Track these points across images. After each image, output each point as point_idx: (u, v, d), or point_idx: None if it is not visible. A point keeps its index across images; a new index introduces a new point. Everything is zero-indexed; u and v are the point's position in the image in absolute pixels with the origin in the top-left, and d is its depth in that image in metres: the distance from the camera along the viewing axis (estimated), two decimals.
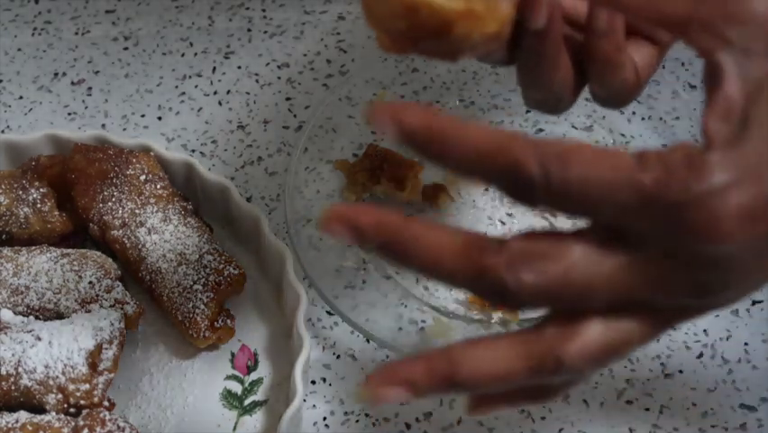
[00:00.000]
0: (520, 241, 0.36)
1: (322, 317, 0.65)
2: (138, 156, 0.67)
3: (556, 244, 0.36)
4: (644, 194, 0.34)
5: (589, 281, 0.36)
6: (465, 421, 0.60)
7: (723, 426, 0.59)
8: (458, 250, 0.36)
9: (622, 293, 0.36)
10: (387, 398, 0.38)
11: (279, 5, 0.83)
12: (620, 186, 0.34)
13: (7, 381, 0.58)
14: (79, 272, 0.62)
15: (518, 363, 0.37)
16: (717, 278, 0.36)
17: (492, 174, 0.35)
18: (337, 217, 0.37)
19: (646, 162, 0.34)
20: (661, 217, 0.34)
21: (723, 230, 0.34)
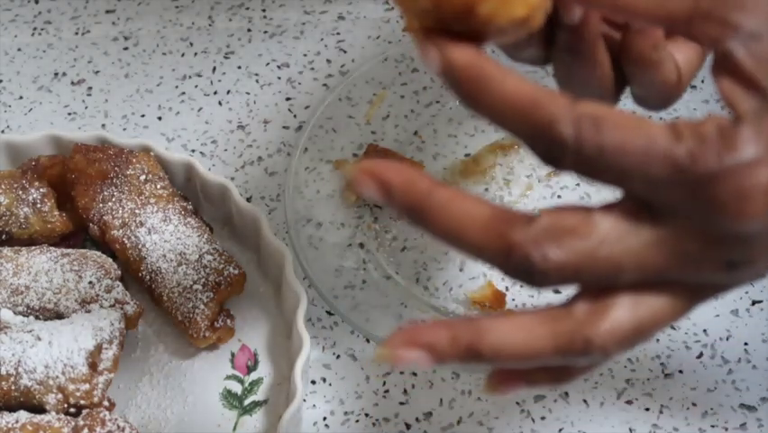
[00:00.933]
0: (548, 216, 0.35)
1: (322, 317, 0.65)
2: (138, 156, 0.67)
3: (585, 220, 0.35)
4: (677, 165, 0.33)
5: (617, 258, 0.35)
6: (465, 421, 0.60)
7: (723, 426, 0.59)
8: (485, 223, 0.35)
9: (651, 269, 0.35)
10: (407, 360, 0.36)
11: (279, 5, 0.83)
12: (654, 155, 0.34)
13: (7, 381, 0.58)
14: (79, 272, 0.62)
15: (546, 342, 0.36)
16: (745, 254, 0.35)
17: (525, 129, 0.35)
18: (369, 173, 0.36)
19: (680, 134, 0.34)
20: (692, 190, 0.34)
21: (752, 207, 0.34)
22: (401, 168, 0.36)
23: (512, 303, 0.64)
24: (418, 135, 0.73)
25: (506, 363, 0.37)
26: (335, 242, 0.67)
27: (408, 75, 0.75)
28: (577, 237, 0.35)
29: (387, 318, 0.63)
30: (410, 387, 0.62)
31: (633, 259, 0.35)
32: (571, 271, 0.35)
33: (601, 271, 0.35)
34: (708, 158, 0.33)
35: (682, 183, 0.34)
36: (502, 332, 0.36)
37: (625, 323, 0.36)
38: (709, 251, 0.35)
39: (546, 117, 0.34)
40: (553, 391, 0.61)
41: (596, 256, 0.35)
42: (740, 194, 0.33)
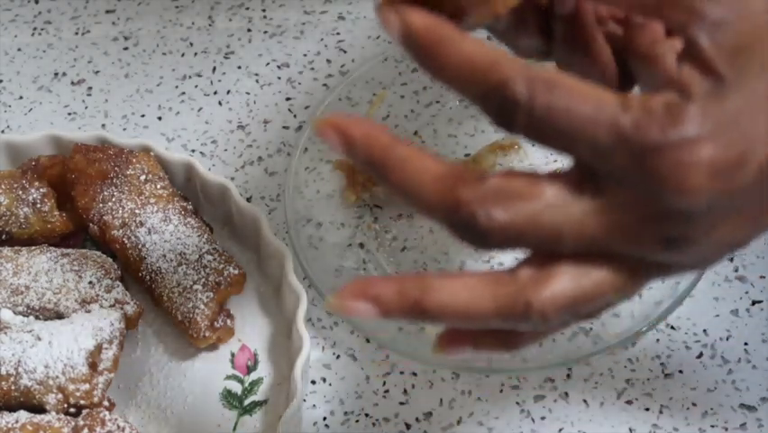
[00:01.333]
0: (497, 179, 0.36)
1: (322, 317, 0.65)
2: (138, 156, 0.67)
3: (532, 184, 0.36)
4: (622, 134, 0.34)
5: (558, 224, 0.36)
6: (465, 421, 0.60)
7: (723, 426, 0.59)
8: (437, 179, 0.36)
9: (592, 239, 0.36)
10: (355, 311, 0.37)
11: (279, 5, 0.83)
12: (601, 122, 0.34)
13: (7, 381, 0.58)
14: (79, 272, 0.62)
15: (488, 303, 0.37)
16: (684, 232, 0.36)
17: (479, 90, 0.35)
18: (331, 125, 0.37)
19: (629, 104, 0.35)
20: (634, 160, 0.35)
21: (691, 182, 0.34)
22: (363, 121, 0.37)
23: None
24: (418, 135, 0.73)
25: (449, 322, 0.37)
26: (335, 242, 0.67)
27: (408, 75, 0.75)
28: (522, 200, 0.36)
29: None
30: (410, 387, 0.62)
31: (573, 226, 0.36)
32: (513, 234, 0.36)
33: (543, 235, 0.36)
34: (652, 129, 0.34)
35: (625, 152, 0.35)
36: (447, 290, 0.37)
37: (565, 290, 0.36)
38: (648, 224, 0.36)
39: (501, 77, 0.34)
40: (553, 391, 0.61)
41: (538, 221, 0.36)
42: (680, 168, 0.34)
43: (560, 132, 0.35)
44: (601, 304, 0.38)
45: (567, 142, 0.35)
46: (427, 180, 0.36)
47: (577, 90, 0.35)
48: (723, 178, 0.35)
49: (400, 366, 0.63)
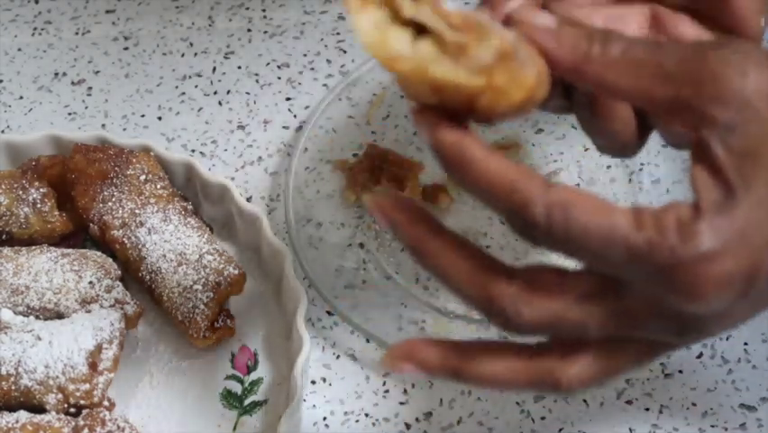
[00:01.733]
0: (525, 275, 0.39)
1: (322, 317, 0.65)
2: (138, 156, 0.67)
3: (557, 283, 0.39)
4: (637, 254, 0.37)
5: (582, 321, 0.39)
6: (465, 421, 0.60)
7: (723, 426, 0.59)
8: (471, 275, 0.40)
9: (612, 332, 0.40)
10: (402, 371, 0.42)
11: (279, 5, 0.83)
12: (616, 242, 0.37)
13: (7, 381, 0.58)
14: (79, 272, 0.62)
15: (521, 376, 0.41)
16: (696, 326, 0.39)
17: (503, 209, 0.38)
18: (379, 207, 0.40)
19: (642, 223, 0.37)
20: (650, 275, 0.37)
21: (704, 293, 0.37)
22: (406, 207, 0.40)
23: None
24: (418, 135, 0.73)
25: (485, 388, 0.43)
26: (335, 242, 0.67)
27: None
28: (547, 300, 0.39)
29: (387, 318, 0.63)
30: (410, 387, 0.62)
31: (596, 323, 0.39)
32: (540, 328, 0.39)
33: (568, 329, 0.40)
34: (665, 249, 0.36)
35: (641, 269, 0.37)
36: (484, 363, 0.41)
37: (589, 369, 0.40)
38: (664, 322, 0.39)
39: (522, 200, 0.38)
40: None
41: (563, 318, 0.39)
42: (694, 283, 0.37)
43: (578, 250, 0.38)
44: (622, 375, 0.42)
45: (586, 259, 0.38)
46: (462, 276, 0.40)
47: (591, 211, 0.37)
48: (735, 287, 0.37)
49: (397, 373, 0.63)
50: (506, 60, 0.37)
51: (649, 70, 0.38)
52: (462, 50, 0.37)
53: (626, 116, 0.45)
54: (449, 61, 0.37)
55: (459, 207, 0.69)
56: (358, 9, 0.37)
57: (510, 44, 0.37)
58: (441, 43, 0.37)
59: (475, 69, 0.37)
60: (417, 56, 0.37)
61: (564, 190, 0.37)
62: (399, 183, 0.67)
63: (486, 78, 0.37)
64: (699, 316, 0.38)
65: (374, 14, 0.38)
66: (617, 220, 0.37)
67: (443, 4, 0.38)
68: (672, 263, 0.36)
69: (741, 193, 0.37)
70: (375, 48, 0.37)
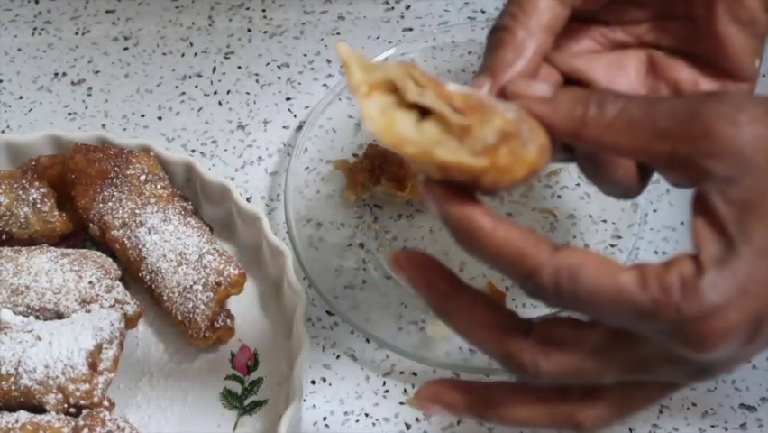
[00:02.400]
0: (541, 329, 0.41)
1: (322, 317, 0.65)
2: (138, 156, 0.67)
3: (572, 336, 0.41)
4: (644, 313, 0.38)
5: (597, 371, 0.40)
6: (465, 421, 0.60)
7: (723, 426, 0.59)
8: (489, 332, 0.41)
9: (626, 378, 0.41)
10: (430, 411, 0.45)
11: (279, 5, 0.83)
12: (623, 304, 0.38)
13: (7, 381, 0.58)
14: (79, 272, 0.62)
15: (544, 419, 0.42)
16: (705, 370, 0.41)
17: (513, 276, 0.40)
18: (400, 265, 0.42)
19: (647, 283, 0.38)
20: (658, 332, 0.39)
21: (711, 345, 0.38)
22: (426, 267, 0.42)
23: (512, 303, 0.64)
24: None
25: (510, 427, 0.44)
26: (335, 242, 0.67)
27: None
28: (564, 353, 0.40)
29: (387, 318, 0.63)
30: (410, 387, 0.62)
31: (610, 372, 0.41)
32: (560, 378, 0.41)
33: (585, 378, 0.41)
34: (670, 307, 0.38)
35: (649, 326, 0.38)
36: (509, 406, 0.43)
37: (608, 411, 0.42)
38: (675, 368, 0.40)
39: (530, 268, 0.39)
40: None
41: (579, 369, 0.40)
42: (700, 336, 0.38)
43: (588, 311, 0.39)
44: (639, 412, 0.43)
45: (596, 318, 0.40)
46: (481, 334, 0.41)
47: (597, 275, 0.38)
48: (741, 337, 0.38)
49: (400, 366, 0.63)
50: (508, 140, 0.38)
51: (645, 129, 0.39)
52: (466, 131, 0.38)
53: (628, 165, 0.47)
54: (453, 143, 0.38)
55: None
56: (365, 96, 0.39)
57: (512, 123, 0.38)
58: (445, 124, 0.38)
59: (479, 149, 0.38)
60: (423, 139, 0.38)
61: (570, 255, 0.39)
62: (399, 183, 0.67)
63: (489, 159, 0.38)
64: (709, 363, 0.40)
65: (380, 100, 0.39)
66: (622, 281, 0.38)
67: (447, 87, 0.39)
68: (678, 320, 0.37)
69: (741, 246, 0.38)
70: (382, 133, 0.38)
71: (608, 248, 0.66)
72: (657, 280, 0.38)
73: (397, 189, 0.67)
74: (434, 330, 0.63)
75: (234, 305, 0.64)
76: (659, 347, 0.40)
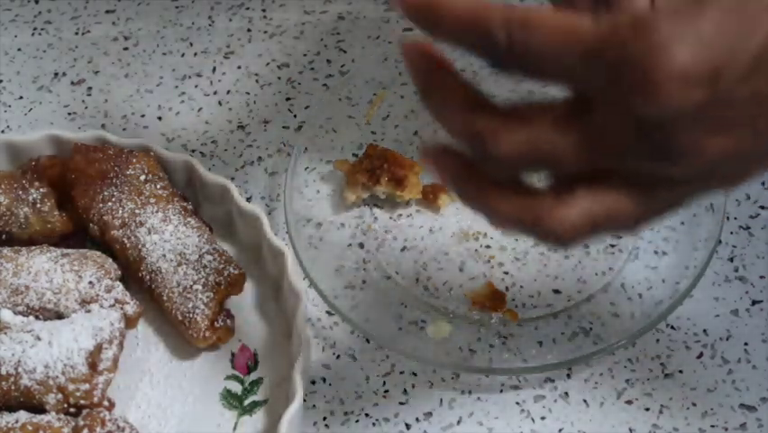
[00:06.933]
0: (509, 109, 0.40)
1: (322, 317, 0.65)
2: (138, 156, 0.67)
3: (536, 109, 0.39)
4: (590, 52, 0.36)
5: (557, 146, 0.38)
6: (465, 421, 0.60)
7: (723, 426, 0.59)
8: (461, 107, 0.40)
9: (587, 157, 0.39)
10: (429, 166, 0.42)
11: (279, 5, 0.83)
12: (573, 46, 0.36)
13: (7, 381, 0.58)
14: (79, 272, 0.62)
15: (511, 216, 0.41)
16: (667, 141, 0.37)
17: (471, 41, 0.39)
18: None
19: (597, 22, 0.36)
20: (606, 75, 0.36)
21: (658, 87, 0.35)
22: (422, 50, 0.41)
23: (512, 303, 0.64)
24: (418, 135, 0.73)
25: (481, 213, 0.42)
26: (335, 242, 0.67)
27: (408, 75, 0.75)
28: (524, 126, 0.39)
29: (387, 318, 0.63)
30: (410, 387, 0.62)
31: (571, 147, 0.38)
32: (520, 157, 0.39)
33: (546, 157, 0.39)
34: (616, 43, 0.36)
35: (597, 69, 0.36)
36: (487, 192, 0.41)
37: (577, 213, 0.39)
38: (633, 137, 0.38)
39: (485, 27, 0.38)
40: (554, 391, 0.61)
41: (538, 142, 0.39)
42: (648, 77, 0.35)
43: (540, 63, 0.37)
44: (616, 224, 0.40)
45: (550, 72, 0.38)
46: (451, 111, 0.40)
47: (551, 23, 0.37)
48: (698, 83, 0.35)
49: (400, 366, 0.63)
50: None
51: None
52: None
53: None
54: None
55: (459, 206, 0.69)
56: None
57: None
58: None
59: None
60: None
61: (524, 8, 0.37)
62: (399, 183, 0.67)
63: None
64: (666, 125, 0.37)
65: None
66: (575, 26, 0.36)
67: None
68: (623, 57, 0.35)
69: None
70: None
71: (608, 248, 0.66)
72: (609, 19, 0.36)
73: (397, 189, 0.67)
74: (434, 330, 0.63)
75: (234, 305, 0.64)
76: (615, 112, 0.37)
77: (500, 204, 0.41)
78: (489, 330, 0.63)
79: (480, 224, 0.68)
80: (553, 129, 0.39)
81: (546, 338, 0.62)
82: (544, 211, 0.40)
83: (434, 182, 0.69)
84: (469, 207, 0.42)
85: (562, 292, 0.64)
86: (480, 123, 0.39)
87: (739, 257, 0.66)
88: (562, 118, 0.39)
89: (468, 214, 0.69)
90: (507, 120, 0.39)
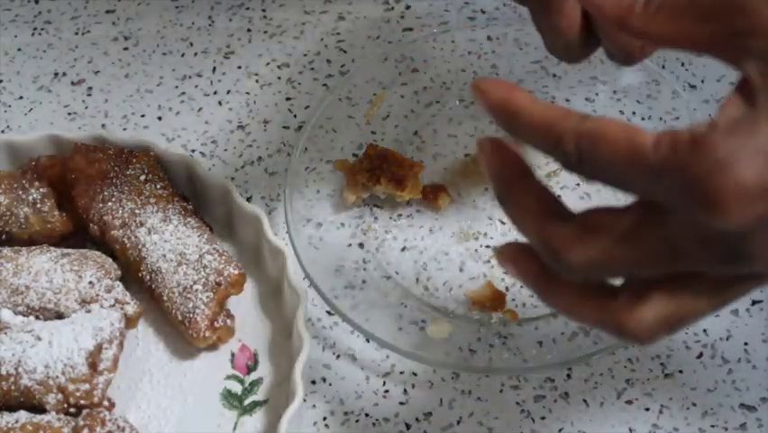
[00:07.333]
0: (580, 217, 0.41)
1: (322, 317, 0.65)
2: (138, 156, 0.67)
3: (606, 219, 0.40)
4: (654, 173, 0.37)
5: (629, 256, 0.39)
6: (465, 421, 0.60)
7: (723, 426, 0.59)
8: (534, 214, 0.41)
9: (660, 266, 0.40)
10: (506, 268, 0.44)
11: (279, 5, 0.83)
12: (637, 165, 0.38)
13: (7, 381, 0.58)
14: (79, 272, 0.62)
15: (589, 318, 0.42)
16: (738, 248, 0.38)
17: (544, 147, 0.40)
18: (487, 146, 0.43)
19: (659, 142, 0.37)
20: (672, 194, 0.37)
21: (723, 203, 0.36)
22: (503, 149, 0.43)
23: (512, 303, 0.64)
24: (418, 135, 0.73)
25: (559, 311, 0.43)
26: (335, 242, 0.67)
27: (408, 75, 0.75)
28: (596, 237, 0.40)
29: (387, 318, 0.63)
30: (410, 387, 0.62)
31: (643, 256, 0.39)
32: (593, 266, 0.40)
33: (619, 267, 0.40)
34: (677, 164, 0.36)
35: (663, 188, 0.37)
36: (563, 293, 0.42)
37: (654, 316, 0.41)
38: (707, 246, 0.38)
39: (556, 137, 0.40)
40: (554, 391, 0.61)
41: (611, 253, 0.40)
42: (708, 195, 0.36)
43: (610, 177, 0.39)
44: (691, 322, 0.42)
45: (619, 184, 0.40)
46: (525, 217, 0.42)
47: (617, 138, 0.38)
48: (762, 196, 0.36)
49: (400, 366, 0.63)
50: None
51: (687, 16, 0.40)
52: None
53: (574, 16, 0.50)
54: None
55: (459, 206, 0.69)
56: None
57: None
58: None
59: None
60: None
61: (595, 121, 0.39)
62: (399, 183, 0.67)
63: None
64: (735, 233, 0.37)
65: None
66: (637, 141, 0.38)
67: None
68: (686, 178, 0.36)
69: (763, 111, 0.37)
70: None
71: None
72: (669, 139, 0.37)
73: (397, 189, 0.67)
74: (434, 330, 0.63)
75: (234, 305, 0.64)
76: (686, 223, 0.38)
77: (578, 307, 0.42)
78: (489, 330, 0.63)
79: (480, 224, 0.68)
80: (624, 240, 0.39)
81: (546, 338, 0.62)
82: (621, 315, 0.41)
83: (435, 182, 0.69)
84: (548, 306, 0.44)
85: None
86: (553, 233, 0.41)
87: None
88: (633, 229, 0.39)
89: (468, 214, 0.69)
90: (579, 230, 0.40)
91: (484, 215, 0.68)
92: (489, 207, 0.69)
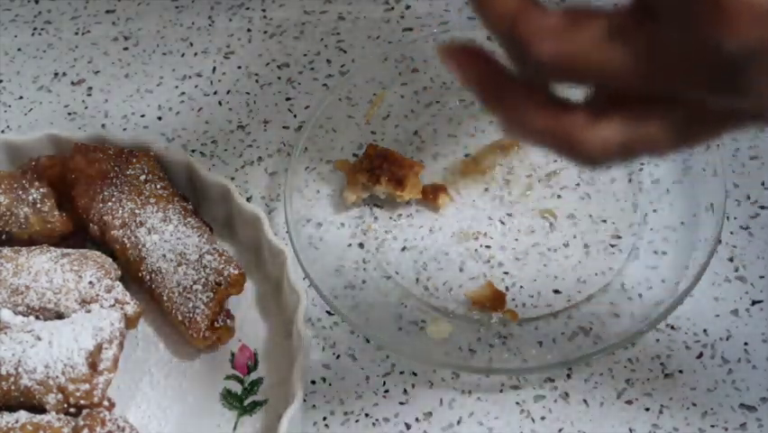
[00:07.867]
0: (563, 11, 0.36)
1: (322, 317, 0.65)
2: (138, 156, 0.67)
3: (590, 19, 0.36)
4: None
5: (608, 57, 0.36)
6: (465, 421, 0.60)
7: (723, 426, 0.59)
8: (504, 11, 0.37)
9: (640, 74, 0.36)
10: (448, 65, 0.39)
11: (279, 5, 0.83)
12: None
13: (7, 381, 0.58)
14: (79, 272, 0.62)
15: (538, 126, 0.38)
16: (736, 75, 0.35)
17: None
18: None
19: None
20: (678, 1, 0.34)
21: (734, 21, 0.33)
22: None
23: (512, 303, 0.64)
24: (418, 135, 0.73)
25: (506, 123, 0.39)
26: (335, 242, 0.67)
27: (408, 75, 0.75)
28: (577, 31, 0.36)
29: (387, 318, 0.63)
30: (410, 387, 0.62)
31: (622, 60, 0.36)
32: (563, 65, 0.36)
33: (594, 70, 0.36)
34: None
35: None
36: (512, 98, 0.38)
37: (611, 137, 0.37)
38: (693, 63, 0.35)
39: None
40: (554, 391, 0.61)
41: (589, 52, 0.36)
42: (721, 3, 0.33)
43: None
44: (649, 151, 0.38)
45: None
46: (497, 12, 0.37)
47: None
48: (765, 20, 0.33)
49: (400, 366, 0.63)
50: None
51: None
52: None
53: None
54: None
55: (459, 206, 0.69)
56: None
57: None
58: None
59: None
60: None
61: None
62: (399, 183, 0.67)
63: None
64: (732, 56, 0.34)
65: None
66: None
67: None
68: None
69: None
70: None
71: (608, 248, 0.66)
72: None
73: (397, 189, 0.67)
74: (434, 330, 0.63)
75: (234, 305, 0.64)
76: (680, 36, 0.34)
77: (530, 114, 0.38)
78: (489, 330, 0.63)
79: (480, 224, 0.68)
80: (609, 37, 0.35)
81: (546, 338, 0.62)
82: (577, 127, 0.37)
83: (435, 182, 0.69)
84: (492, 113, 0.39)
85: (562, 292, 0.64)
86: (528, 22, 0.36)
87: (739, 257, 0.66)
88: (620, 29, 0.35)
89: (468, 214, 0.69)
90: (561, 21, 0.36)
91: (484, 215, 0.68)
92: (488, 207, 0.69)
